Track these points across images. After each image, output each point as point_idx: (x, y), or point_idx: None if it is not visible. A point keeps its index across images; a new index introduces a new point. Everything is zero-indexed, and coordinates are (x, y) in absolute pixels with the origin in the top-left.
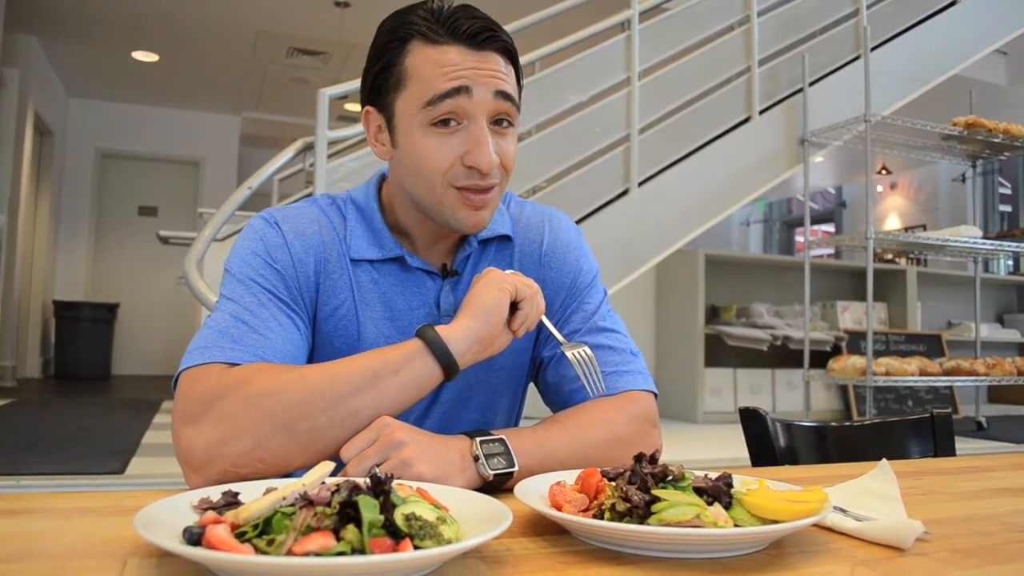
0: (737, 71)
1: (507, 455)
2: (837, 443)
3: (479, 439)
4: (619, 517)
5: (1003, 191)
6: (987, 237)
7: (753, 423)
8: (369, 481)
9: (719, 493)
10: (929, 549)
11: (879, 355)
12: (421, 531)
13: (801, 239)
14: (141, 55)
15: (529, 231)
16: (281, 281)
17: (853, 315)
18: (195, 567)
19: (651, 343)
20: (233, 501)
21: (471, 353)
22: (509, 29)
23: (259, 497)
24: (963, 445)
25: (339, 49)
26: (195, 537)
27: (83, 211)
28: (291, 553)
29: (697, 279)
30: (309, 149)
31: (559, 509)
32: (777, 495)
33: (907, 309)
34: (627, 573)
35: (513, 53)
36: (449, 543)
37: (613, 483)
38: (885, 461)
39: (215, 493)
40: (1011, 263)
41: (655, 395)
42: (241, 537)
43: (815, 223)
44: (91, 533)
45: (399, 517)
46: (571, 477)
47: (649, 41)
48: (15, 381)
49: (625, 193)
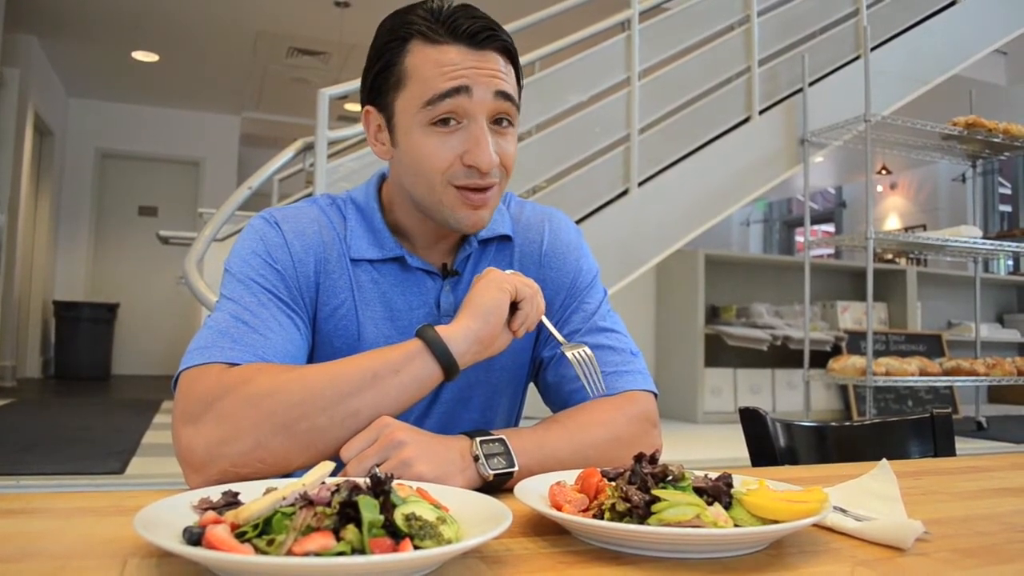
0: (737, 71)
1: (507, 455)
2: (837, 443)
3: (479, 439)
4: (619, 517)
5: (1003, 191)
6: (987, 237)
7: (753, 423)
8: (369, 481)
9: (719, 493)
10: (929, 549)
11: (879, 355)
12: (421, 531)
13: (801, 239)
14: (141, 55)
15: (529, 231)
16: (281, 281)
17: (853, 315)
18: (195, 567)
19: (651, 343)
20: (233, 501)
21: (471, 353)
22: (509, 29)
23: (259, 497)
24: (963, 445)
25: (339, 49)
26: (195, 537)
27: (83, 211)
28: (291, 553)
29: (697, 279)
30: (309, 149)
31: (559, 509)
32: (777, 495)
33: (907, 309)
34: (627, 573)
35: (513, 53)
36: (449, 543)
37: (613, 483)
38: (885, 461)
39: (215, 493)
40: (1011, 263)
41: (655, 395)
42: (241, 537)
43: (815, 223)
44: (91, 533)
45: (399, 517)
46: (571, 477)
47: (649, 41)
48: (15, 381)
49: (625, 193)
